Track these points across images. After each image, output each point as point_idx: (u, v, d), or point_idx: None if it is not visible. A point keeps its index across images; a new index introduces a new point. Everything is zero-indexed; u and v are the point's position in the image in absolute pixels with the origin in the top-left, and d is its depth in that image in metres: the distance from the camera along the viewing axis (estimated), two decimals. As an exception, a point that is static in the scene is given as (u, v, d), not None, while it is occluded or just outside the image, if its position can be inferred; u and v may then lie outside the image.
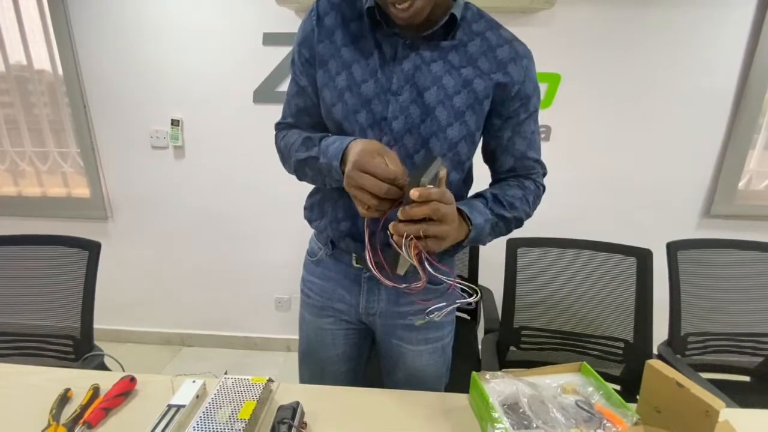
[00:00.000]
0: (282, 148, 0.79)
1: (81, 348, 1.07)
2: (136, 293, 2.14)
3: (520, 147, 0.76)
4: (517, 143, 0.76)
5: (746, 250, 1.21)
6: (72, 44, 1.75)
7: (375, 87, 0.69)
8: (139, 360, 2.08)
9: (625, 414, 0.62)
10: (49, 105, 1.89)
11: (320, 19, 0.71)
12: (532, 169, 0.79)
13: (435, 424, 0.68)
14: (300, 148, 0.73)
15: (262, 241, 1.98)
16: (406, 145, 0.71)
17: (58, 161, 1.98)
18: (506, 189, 0.76)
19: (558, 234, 1.23)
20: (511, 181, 0.79)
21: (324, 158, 0.67)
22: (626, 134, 1.72)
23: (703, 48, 1.59)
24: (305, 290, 0.90)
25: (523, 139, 0.76)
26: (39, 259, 1.12)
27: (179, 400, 0.68)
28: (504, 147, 0.77)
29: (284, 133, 0.80)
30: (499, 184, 0.80)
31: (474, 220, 0.67)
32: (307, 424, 0.66)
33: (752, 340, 1.22)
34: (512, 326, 1.23)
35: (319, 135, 0.72)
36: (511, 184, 0.78)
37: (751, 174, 1.79)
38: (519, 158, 0.77)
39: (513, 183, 0.78)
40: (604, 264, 1.19)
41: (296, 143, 0.74)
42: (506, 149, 0.77)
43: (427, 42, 0.69)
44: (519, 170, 0.78)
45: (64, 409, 0.70)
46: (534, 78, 0.74)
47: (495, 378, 0.70)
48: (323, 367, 0.91)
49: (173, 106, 1.81)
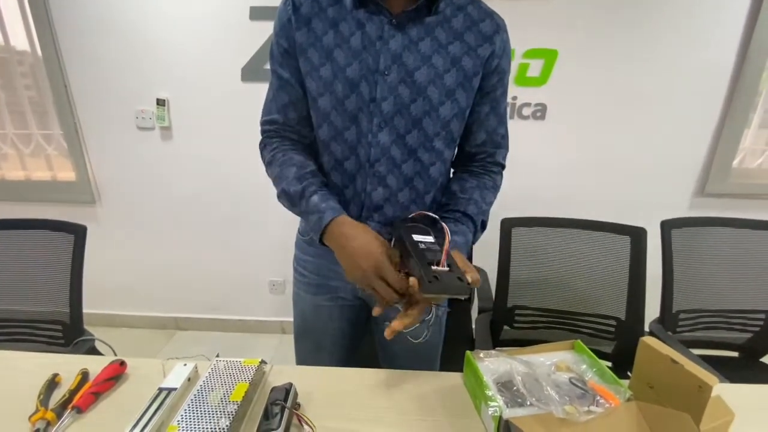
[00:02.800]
0: (267, 174, 0.79)
1: (71, 333, 1.06)
2: (129, 278, 2.12)
3: (493, 123, 0.78)
4: (491, 119, 0.78)
5: (739, 228, 1.21)
6: (50, 22, 1.67)
7: (360, 68, 0.68)
8: (133, 344, 2.08)
9: (618, 390, 0.62)
10: (32, 87, 1.82)
11: (296, 8, 0.70)
12: (498, 146, 0.81)
13: (429, 402, 0.68)
14: (281, 196, 0.75)
15: (254, 223, 1.96)
16: (396, 126, 0.71)
17: (41, 144, 1.92)
18: (486, 196, 0.79)
19: (552, 213, 1.22)
20: (486, 180, 0.81)
21: (305, 223, 0.72)
22: (622, 112, 1.70)
23: (701, 25, 1.56)
24: (299, 269, 0.89)
25: (496, 116, 0.78)
26: (24, 244, 1.10)
27: (170, 383, 0.67)
28: (480, 122, 0.77)
29: (268, 155, 0.78)
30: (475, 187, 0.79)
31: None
32: (300, 404, 0.65)
33: (741, 316, 1.23)
34: (506, 305, 1.24)
35: (298, 188, 0.72)
36: (487, 186, 0.80)
37: (745, 152, 1.78)
38: (490, 133, 0.79)
39: (488, 184, 0.81)
40: (598, 243, 1.19)
41: (278, 185, 0.75)
42: (482, 124, 0.78)
43: (412, 20, 0.68)
44: (487, 146, 0.80)
45: (53, 394, 0.69)
46: (509, 53, 0.75)
47: (489, 357, 0.70)
48: (319, 342, 0.91)
49: (158, 85, 1.75)
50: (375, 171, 0.73)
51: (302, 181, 0.72)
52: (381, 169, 0.73)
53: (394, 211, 0.76)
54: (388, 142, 0.71)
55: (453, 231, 0.71)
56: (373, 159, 0.72)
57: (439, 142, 0.74)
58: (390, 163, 0.73)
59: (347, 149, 0.73)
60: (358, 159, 0.73)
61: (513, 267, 1.22)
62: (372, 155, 0.72)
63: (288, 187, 0.73)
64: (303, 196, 0.71)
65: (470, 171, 0.82)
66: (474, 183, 0.79)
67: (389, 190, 0.74)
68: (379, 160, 0.72)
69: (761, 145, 1.79)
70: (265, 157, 0.80)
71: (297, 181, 0.72)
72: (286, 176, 0.73)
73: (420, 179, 0.75)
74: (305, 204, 0.71)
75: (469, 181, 0.80)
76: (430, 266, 0.58)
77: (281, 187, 0.74)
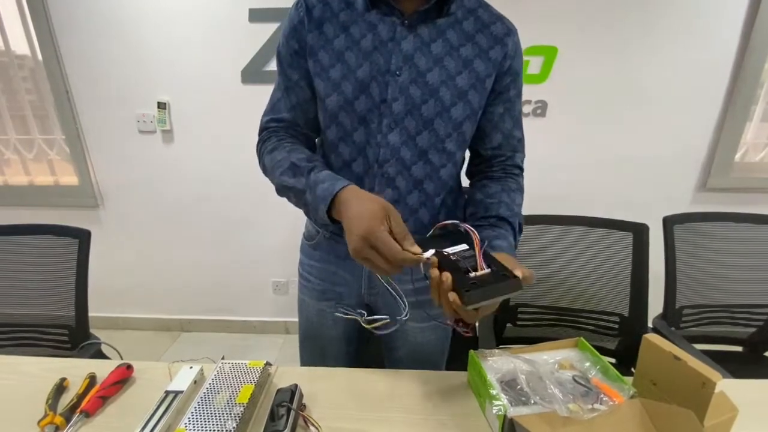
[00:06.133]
0: (266, 163, 0.75)
1: (77, 337, 1.07)
2: (133, 280, 2.13)
3: (508, 125, 0.77)
4: (507, 121, 0.76)
5: (742, 222, 1.21)
6: (50, 26, 1.68)
7: (371, 69, 0.68)
8: (138, 346, 2.09)
9: (622, 388, 0.62)
10: (33, 91, 1.83)
11: (309, 10, 0.70)
12: (515, 150, 0.79)
13: (434, 402, 0.69)
14: (286, 172, 0.69)
15: (257, 224, 1.96)
16: (407, 127, 0.70)
17: (43, 149, 1.93)
18: (515, 198, 0.76)
19: (554, 210, 1.22)
20: (510, 183, 0.78)
21: (310, 195, 0.65)
22: (622, 109, 1.69)
23: (701, 19, 1.56)
24: (304, 274, 0.88)
25: (511, 118, 0.77)
26: (29, 249, 1.10)
27: (177, 386, 0.68)
28: (495, 123, 0.76)
29: (271, 144, 0.75)
30: (500, 191, 0.76)
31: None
32: (306, 405, 0.66)
33: (745, 311, 1.23)
34: (509, 303, 1.24)
35: (308, 164, 0.68)
36: (512, 188, 0.77)
37: (747, 146, 1.78)
38: (506, 136, 0.77)
39: (512, 186, 0.78)
40: (601, 240, 1.19)
41: (282, 165, 0.70)
42: (496, 125, 0.76)
43: (424, 21, 0.68)
44: (504, 149, 0.78)
45: (61, 398, 0.69)
46: (522, 55, 0.75)
47: (493, 356, 0.70)
48: (324, 348, 0.91)
49: (159, 89, 1.76)
50: (384, 172, 0.72)
51: (312, 161, 0.69)
52: (390, 170, 0.72)
53: (402, 214, 0.74)
54: (398, 143, 0.70)
55: (493, 236, 0.68)
56: (382, 160, 0.71)
57: (451, 144, 0.72)
58: (400, 164, 0.72)
59: (355, 150, 0.72)
60: (367, 160, 0.72)
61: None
62: (381, 156, 0.71)
63: (299, 161, 0.68)
64: (312, 171, 0.67)
65: (490, 177, 0.79)
66: (498, 187, 0.76)
67: (398, 192, 0.73)
68: (388, 161, 0.71)
69: (763, 138, 1.78)
70: (267, 147, 0.75)
71: (307, 160, 0.69)
72: (296, 155, 0.70)
73: (430, 181, 0.74)
74: (313, 176, 0.65)
75: (492, 187, 0.77)
76: (467, 274, 0.54)
77: (290, 161, 0.69)
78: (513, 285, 0.52)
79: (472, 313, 0.55)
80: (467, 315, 0.55)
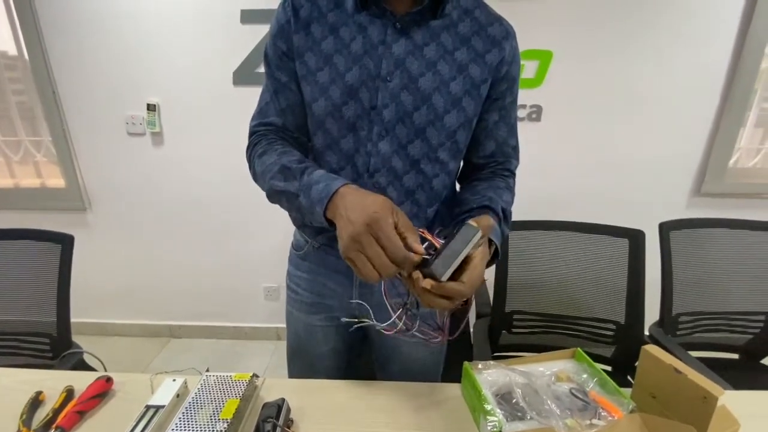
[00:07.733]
0: (256, 168, 0.71)
1: (58, 346, 1.03)
2: (122, 285, 2.08)
3: (503, 133, 0.74)
4: (501, 129, 0.74)
5: (737, 228, 1.20)
6: (37, 26, 1.64)
7: (361, 73, 0.64)
8: (126, 353, 2.04)
9: (621, 402, 0.60)
10: (19, 92, 1.79)
11: (296, 10, 0.66)
12: (509, 157, 0.77)
13: (426, 416, 0.66)
14: (277, 176, 0.65)
15: (248, 229, 1.93)
16: (398, 135, 0.67)
17: (30, 150, 1.89)
18: (502, 195, 0.72)
19: (549, 216, 1.20)
20: (498, 182, 0.75)
21: (305, 198, 0.60)
22: (617, 113, 1.69)
23: (695, 24, 1.55)
24: (292, 286, 0.85)
25: (506, 125, 0.74)
26: (8, 254, 1.07)
27: (158, 400, 0.65)
28: (489, 131, 0.74)
29: (261, 148, 0.71)
30: (486, 188, 0.73)
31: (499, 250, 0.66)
32: (293, 421, 0.63)
33: (742, 318, 1.22)
34: (504, 310, 1.22)
35: (299, 166, 0.63)
36: (500, 186, 0.74)
37: (741, 151, 1.78)
38: (500, 144, 0.75)
39: (500, 184, 0.74)
40: (596, 246, 1.18)
41: (272, 169, 0.66)
42: (490, 133, 0.74)
43: (417, 23, 0.65)
44: (497, 156, 0.76)
45: (36, 413, 0.66)
46: (519, 60, 0.72)
47: (487, 368, 0.68)
48: (313, 363, 0.88)
49: (148, 90, 1.72)
50: (374, 182, 0.69)
51: (304, 162, 0.66)
52: (381, 180, 0.68)
53: None
54: (389, 152, 0.67)
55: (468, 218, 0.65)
56: (373, 169, 0.68)
57: (444, 153, 0.69)
58: (390, 174, 0.69)
59: (343, 159, 0.69)
60: (356, 169, 0.69)
61: (510, 271, 1.20)
62: (371, 165, 0.68)
63: (290, 163, 0.64)
64: (305, 172, 0.62)
65: (479, 178, 0.77)
66: (485, 185, 0.73)
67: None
68: (378, 171, 0.68)
69: (756, 144, 1.79)
70: (256, 151, 0.71)
71: (298, 161, 0.65)
72: (287, 157, 0.66)
73: (422, 192, 0.71)
74: (306, 178, 0.61)
75: (479, 185, 0.74)
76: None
77: (280, 164, 0.65)
78: (468, 233, 0.51)
79: (460, 287, 0.52)
80: (457, 292, 0.52)
